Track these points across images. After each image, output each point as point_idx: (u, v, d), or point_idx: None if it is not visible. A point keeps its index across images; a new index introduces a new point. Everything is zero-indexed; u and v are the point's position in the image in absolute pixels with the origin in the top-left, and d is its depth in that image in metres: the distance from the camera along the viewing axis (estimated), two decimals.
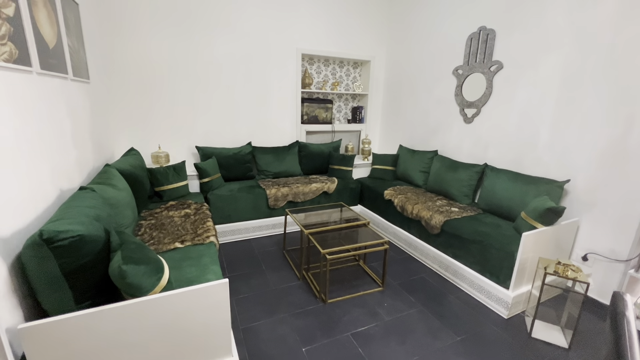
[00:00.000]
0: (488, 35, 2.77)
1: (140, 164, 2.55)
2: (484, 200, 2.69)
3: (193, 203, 2.62)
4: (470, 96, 3.02)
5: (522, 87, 2.56)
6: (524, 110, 2.56)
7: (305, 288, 2.32)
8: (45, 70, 1.51)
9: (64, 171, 1.65)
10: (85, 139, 2.06)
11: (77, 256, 1.14)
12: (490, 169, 2.73)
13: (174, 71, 3.13)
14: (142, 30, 2.92)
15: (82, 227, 1.19)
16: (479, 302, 2.21)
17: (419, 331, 1.92)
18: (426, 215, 2.64)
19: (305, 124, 3.93)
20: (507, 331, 1.93)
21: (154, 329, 1.20)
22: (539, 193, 2.28)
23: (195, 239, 1.98)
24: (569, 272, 1.77)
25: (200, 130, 3.39)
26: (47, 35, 1.57)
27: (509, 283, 2.03)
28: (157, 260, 1.31)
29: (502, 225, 2.34)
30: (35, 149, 1.37)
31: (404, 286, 2.39)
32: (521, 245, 1.93)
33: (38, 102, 1.44)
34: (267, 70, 3.54)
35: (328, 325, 1.95)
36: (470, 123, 3.04)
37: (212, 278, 1.56)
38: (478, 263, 2.24)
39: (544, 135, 2.43)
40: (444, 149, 3.38)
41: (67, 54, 1.82)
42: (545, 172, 2.42)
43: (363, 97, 4.29)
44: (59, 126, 1.65)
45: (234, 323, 1.93)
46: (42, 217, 1.34)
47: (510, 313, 2.05)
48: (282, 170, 3.56)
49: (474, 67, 2.94)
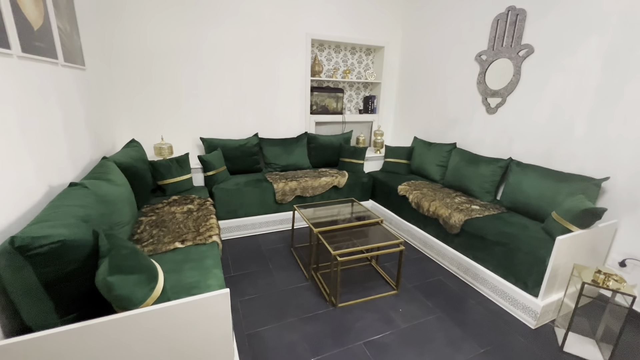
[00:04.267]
0: (517, 16, 2.51)
1: (142, 157, 2.42)
2: (508, 198, 2.48)
3: (197, 198, 2.49)
4: (494, 84, 2.77)
5: (555, 74, 2.31)
6: (557, 99, 2.32)
7: (314, 290, 2.19)
8: (29, 53, 1.36)
9: (53, 165, 1.52)
10: (81, 130, 1.93)
11: (58, 264, 1.01)
12: (516, 164, 2.51)
13: (178, 58, 2.96)
14: (144, 15, 2.75)
15: (66, 230, 1.05)
16: (502, 309, 2.04)
17: (439, 341, 1.76)
18: (444, 214, 2.45)
19: (314, 114, 3.73)
20: (535, 343, 1.76)
21: (147, 345, 1.07)
22: (573, 191, 2.06)
23: (197, 238, 1.85)
24: (610, 283, 1.58)
25: (205, 120, 3.23)
26: (30, 15, 1.41)
27: (538, 291, 1.84)
28: (151, 267, 1.17)
29: (529, 226, 2.13)
30: (16, 141, 1.23)
31: (420, 289, 2.23)
32: (554, 250, 1.74)
33: (19, 89, 1.29)
34: (275, 57, 3.34)
35: (339, 332, 1.81)
36: (494, 113, 2.80)
37: (214, 284, 1.42)
38: (502, 267, 2.05)
39: (579, 127, 2.19)
40: (463, 142, 3.15)
41: (57, 37, 1.67)
42: (579, 169, 2.19)
43: (376, 86, 4.05)
44: (47, 116, 1.51)
45: (239, 328, 1.81)
46: (24, 217, 1.21)
47: (538, 323, 1.87)
48: (291, 163, 3.40)
49: (500, 52, 2.68)
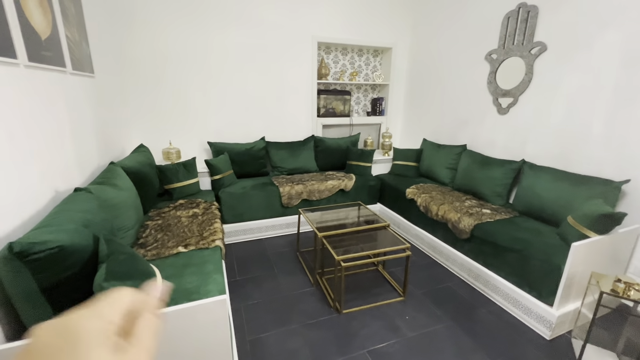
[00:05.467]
0: (529, 12, 2.42)
1: (149, 161, 2.46)
2: (520, 202, 2.39)
3: (202, 202, 2.50)
4: (505, 84, 2.68)
5: (569, 72, 2.21)
6: (572, 98, 2.21)
7: (319, 295, 2.15)
8: (36, 62, 1.40)
9: (60, 171, 1.55)
10: (89, 136, 1.97)
11: (57, 269, 1.02)
12: (530, 166, 2.41)
13: (186, 64, 3.00)
14: (153, 23, 2.81)
15: (65, 236, 1.06)
16: (515, 318, 1.95)
17: (447, 351, 1.69)
18: (454, 218, 2.38)
19: (321, 117, 3.71)
20: (551, 356, 1.67)
21: None
22: (591, 195, 1.96)
23: (200, 242, 1.85)
24: (631, 293, 1.48)
25: (213, 125, 3.26)
26: (38, 24, 1.45)
27: (553, 299, 1.75)
28: (148, 273, 1.17)
29: (543, 232, 2.04)
30: (22, 147, 1.26)
31: (428, 296, 2.16)
32: (570, 257, 1.65)
33: (26, 97, 1.32)
34: (282, 60, 3.35)
35: (343, 339, 1.77)
36: (505, 114, 2.71)
37: (213, 289, 1.41)
38: (515, 274, 1.96)
39: (597, 127, 2.09)
40: (473, 143, 3.06)
41: (65, 46, 1.71)
42: (597, 171, 2.08)
43: (384, 88, 4.00)
44: (54, 123, 1.54)
45: (241, 333, 1.80)
46: (29, 222, 1.24)
47: (553, 334, 1.77)
48: (297, 167, 3.39)
49: (511, 50, 2.59)
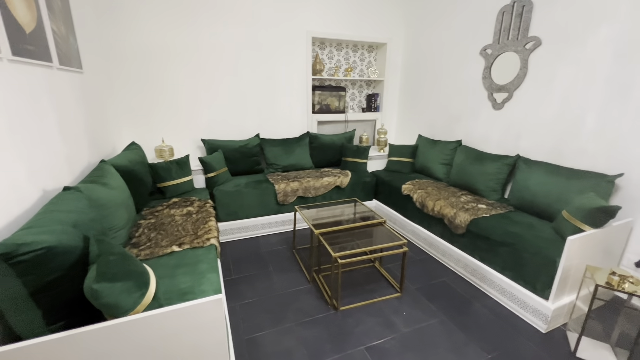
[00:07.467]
0: (524, 7, 2.41)
1: (141, 159, 2.41)
2: (515, 196, 2.40)
3: (197, 200, 2.47)
4: (500, 79, 2.68)
5: (564, 67, 2.22)
6: (566, 93, 2.22)
7: (315, 293, 2.14)
8: (20, 57, 1.35)
9: (48, 170, 1.50)
10: (78, 134, 1.92)
11: (44, 271, 0.98)
12: (524, 161, 2.42)
13: (177, 60, 2.94)
14: (142, 17, 2.74)
15: (52, 237, 1.03)
16: (510, 312, 1.96)
17: (442, 346, 1.70)
18: (449, 213, 2.38)
19: (316, 113, 3.68)
20: (546, 349, 1.68)
21: (136, 354, 1.04)
22: (584, 189, 1.97)
23: (194, 241, 1.82)
24: (625, 285, 1.50)
25: (206, 122, 3.21)
26: (22, 18, 1.40)
27: (549, 293, 1.76)
28: (142, 273, 1.14)
29: (536, 226, 2.05)
30: (7, 145, 1.22)
31: (423, 292, 2.16)
32: (565, 251, 1.66)
33: (10, 93, 1.28)
34: (275, 56, 3.31)
35: (339, 337, 1.76)
36: (500, 109, 2.71)
37: (208, 289, 1.39)
38: (510, 268, 1.97)
39: (590, 121, 2.10)
40: (468, 139, 3.06)
41: (51, 40, 1.66)
42: (591, 165, 2.10)
43: (379, 84, 3.99)
44: (40, 120, 1.49)
45: (238, 332, 1.78)
46: (15, 223, 1.20)
47: (549, 327, 1.79)
48: (292, 163, 3.36)
49: (506, 45, 2.59)
